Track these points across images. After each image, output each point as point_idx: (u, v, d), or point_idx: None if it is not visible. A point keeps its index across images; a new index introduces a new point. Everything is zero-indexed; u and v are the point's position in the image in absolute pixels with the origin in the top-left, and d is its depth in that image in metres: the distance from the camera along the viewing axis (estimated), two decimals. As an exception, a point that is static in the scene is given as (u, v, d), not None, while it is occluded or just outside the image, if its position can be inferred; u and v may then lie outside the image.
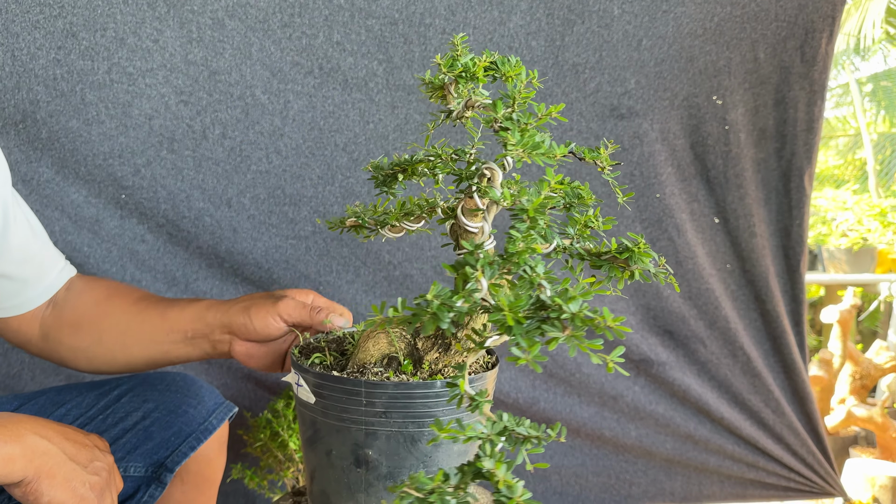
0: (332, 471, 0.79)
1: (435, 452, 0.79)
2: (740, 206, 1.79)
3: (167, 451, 1.04)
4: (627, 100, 1.68)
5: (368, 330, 0.81)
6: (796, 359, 1.91)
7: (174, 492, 1.09)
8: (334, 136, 1.63)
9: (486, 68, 0.76)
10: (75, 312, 1.07)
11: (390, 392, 0.74)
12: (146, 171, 1.57)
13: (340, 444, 0.77)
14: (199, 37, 1.54)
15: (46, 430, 0.82)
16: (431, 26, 1.59)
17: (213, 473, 1.13)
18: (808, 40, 1.74)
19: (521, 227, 0.63)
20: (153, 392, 1.08)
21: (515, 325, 0.54)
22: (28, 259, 1.03)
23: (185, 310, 1.03)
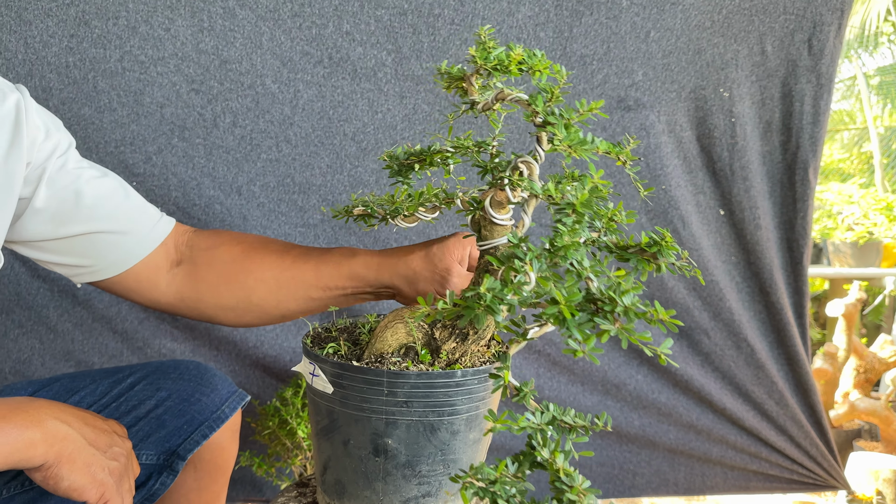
0: (348, 460, 0.80)
1: (452, 441, 0.80)
2: (745, 199, 1.79)
3: (180, 439, 1.06)
4: (634, 91, 1.69)
5: (386, 320, 0.82)
6: (800, 351, 1.92)
7: (187, 479, 1.10)
8: (343, 126, 1.64)
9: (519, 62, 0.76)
10: (212, 270, 1.04)
11: (412, 382, 0.75)
12: (157, 159, 1.59)
13: (359, 433, 0.78)
14: (210, 26, 1.55)
15: (66, 415, 0.83)
16: (440, 17, 1.60)
17: (226, 461, 1.14)
18: (816, 33, 1.75)
19: (568, 221, 0.64)
20: (166, 380, 1.09)
21: (570, 318, 0.55)
22: (114, 213, 1.00)
23: (341, 266, 1.00)
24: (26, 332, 1.61)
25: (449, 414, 0.78)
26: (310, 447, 1.42)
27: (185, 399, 1.08)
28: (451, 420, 0.79)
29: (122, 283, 1.04)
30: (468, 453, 0.83)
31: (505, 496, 0.53)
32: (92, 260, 1.01)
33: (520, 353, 1.83)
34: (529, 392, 0.59)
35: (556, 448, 0.54)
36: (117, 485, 0.86)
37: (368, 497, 0.80)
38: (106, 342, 1.65)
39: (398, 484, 0.79)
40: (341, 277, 1.00)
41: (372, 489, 0.80)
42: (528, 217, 0.78)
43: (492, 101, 0.79)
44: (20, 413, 0.79)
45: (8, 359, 1.61)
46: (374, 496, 0.80)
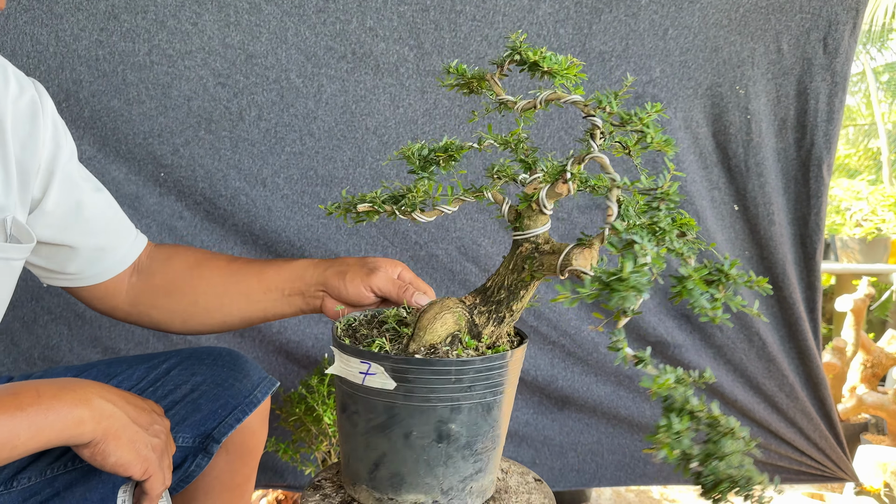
0: (409, 452, 0.83)
1: (499, 416, 0.85)
2: (760, 195, 1.82)
3: (215, 423, 1.09)
4: (652, 88, 1.72)
5: (432, 312, 0.85)
6: (811, 345, 1.95)
7: (219, 462, 1.14)
8: (365, 120, 1.67)
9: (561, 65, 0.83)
10: (166, 278, 1.12)
11: (477, 367, 0.80)
12: (185, 151, 1.62)
13: (423, 423, 0.82)
14: (236, 21, 1.58)
15: (111, 394, 0.87)
16: (462, 13, 1.63)
17: (256, 445, 1.18)
18: (831, 32, 1.77)
19: (664, 209, 0.74)
20: (201, 366, 1.13)
21: (705, 288, 0.66)
22: (106, 228, 1.08)
23: (282, 270, 1.10)
24: (55, 318, 1.65)
25: (500, 392, 0.83)
26: (335, 433, 1.46)
27: (220, 384, 1.11)
28: (500, 398, 0.85)
29: (90, 291, 1.11)
30: (504, 427, 0.88)
31: (689, 447, 0.62)
32: (75, 269, 1.07)
33: (535, 344, 1.86)
34: (648, 359, 0.65)
35: (702, 399, 0.63)
36: (159, 461, 0.89)
37: (429, 483, 0.84)
38: (132, 329, 1.69)
39: (458, 465, 0.83)
40: (282, 279, 1.09)
41: (433, 475, 0.83)
42: (615, 204, 0.82)
43: (542, 101, 0.83)
44: (69, 392, 0.83)
45: (37, 344, 1.65)
46: (434, 482, 0.84)
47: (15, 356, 1.65)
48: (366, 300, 1.04)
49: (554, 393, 1.91)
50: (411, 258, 1.76)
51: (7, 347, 1.64)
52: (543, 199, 0.86)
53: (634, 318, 1.86)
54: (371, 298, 1.04)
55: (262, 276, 1.10)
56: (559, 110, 1.71)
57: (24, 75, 1.01)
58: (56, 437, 0.80)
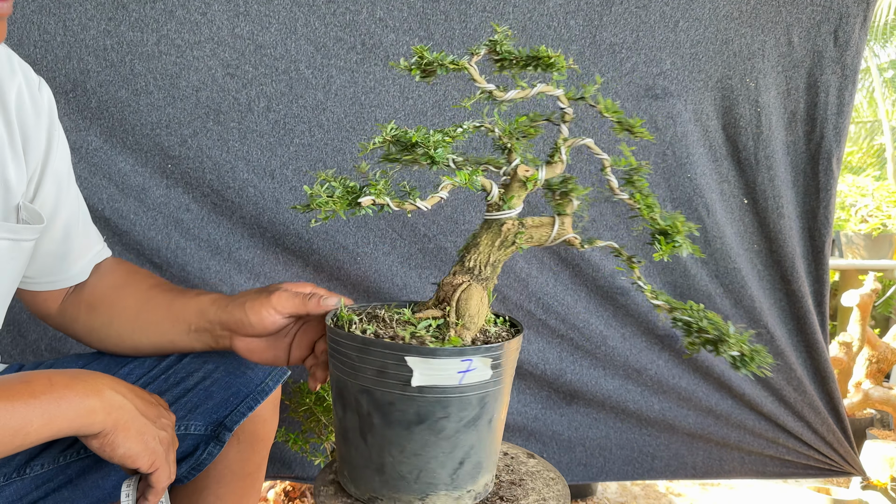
0: (489, 436, 0.83)
1: None
2: (769, 188, 1.82)
3: (227, 411, 1.08)
4: (662, 80, 1.71)
5: (476, 297, 0.85)
6: (819, 339, 1.95)
7: (230, 450, 1.13)
8: (374, 112, 1.66)
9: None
10: (93, 293, 1.10)
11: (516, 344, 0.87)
12: (192, 142, 1.61)
13: (501, 405, 0.84)
14: (245, 11, 1.57)
15: (120, 386, 0.87)
16: (472, 4, 1.62)
17: (267, 433, 1.17)
18: (841, 25, 1.76)
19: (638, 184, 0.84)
20: (213, 354, 1.12)
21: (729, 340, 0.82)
22: (71, 237, 1.06)
23: (190, 303, 1.04)
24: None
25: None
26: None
27: (232, 372, 1.10)
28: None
29: (32, 295, 1.10)
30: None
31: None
32: (31, 273, 1.06)
33: (544, 338, 1.86)
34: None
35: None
36: (165, 454, 0.89)
37: (494, 461, 0.87)
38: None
39: (496, 439, 0.86)
40: (188, 312, 1.04)
41: (495, 451, 0.87)
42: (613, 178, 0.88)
43: (533, 95, 0.84)
44: (80, 382, 0.82)
45: (45, 336, 1.64)
46: (496, 458, 0.88)
47: (22, 347, 1.64)
48: (270, 324, 0.97)
49: (563, 387, 1.90)
50: (420, 251, 1.75)
51: (14, 339, 1.64)
52: (542, 177, 0.87)
53: (644, 310, 1.85)
54: (275, 320, 0.97)
55: (171, 307, 1.05)
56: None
57: (31, 69, 1.00)
58: (67, 426, 0.80)
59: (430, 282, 1.78)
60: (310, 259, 1.72)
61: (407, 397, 0.79)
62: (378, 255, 1.75)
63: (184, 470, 1.08)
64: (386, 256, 1.75)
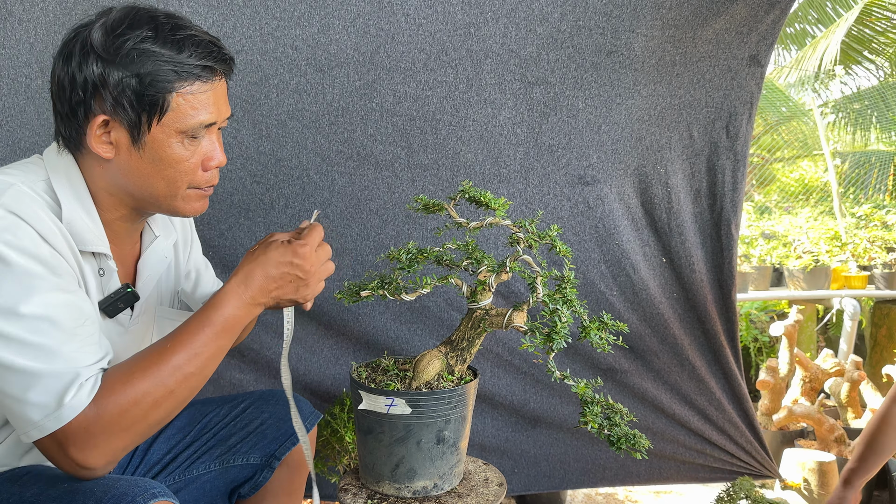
0: (419, 453, 1.31)
1: (469, 424, 1.35)
2: (682, 249, 2.30)
3: (276, 445, 1.55)
4: (591, 171, 2.20)
5: (425, 360, 1.33)
6: (733, 367, 2.42)
7: (281, 474, 1.58)
8: (368, 204, 2.14)
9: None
10: None
11: (459, 393, 1.30)
12: (228, 234, 2.09)
13: (428, 433, 1.31)
14: (267, 133, 2.05)
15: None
16: (441, 121, 2.11)
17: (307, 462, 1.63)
18: (731, 121, 2.26)
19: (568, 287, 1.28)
20: (268, 405, 1.58)
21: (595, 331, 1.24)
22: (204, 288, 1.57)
23: None
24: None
25: (469, 407, 1.32)
26: (354, 449, 1.91)
27: (281, 418, 1.56)
28: (470, 410, 1.33)
29: None
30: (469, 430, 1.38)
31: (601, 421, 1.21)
32: None
33: (510, 374, 2.32)
34: (569, 375, 1.27)
35: (600, 395, 1.21)
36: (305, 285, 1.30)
37: (431, 472, 1.32)
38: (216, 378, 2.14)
39: (448, 458, 1.32)
40: None
41: (434, 466, 1.32)
42: (540, 287, 1.32)
43: (487, 224, 1.32)
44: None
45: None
46: (434, 470, 1.32)
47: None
48: None
49: (527, 413, 2.36)
50: (408, 310, 2.22)
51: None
52: (492, 282, 1.34)
53: (588, 350, 2.32)
54: None
55: None
56: (495, 227, 2.19)
57: None
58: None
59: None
60: (322, 320, 2.19)
61: (363, 415, 1.35)
62: (375, 315, 2.22)
63: (246, 489, 1.54)
64: (382, 315, 2.22)
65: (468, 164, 2.14)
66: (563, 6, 2.00)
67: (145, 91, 1.13)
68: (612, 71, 2.11)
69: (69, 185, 1.19)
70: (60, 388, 1.04)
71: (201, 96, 1.18)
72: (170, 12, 1.20)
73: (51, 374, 1.04)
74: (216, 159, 1.24)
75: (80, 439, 1.06)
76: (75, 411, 1.05)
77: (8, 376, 1.04)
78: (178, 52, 1.15)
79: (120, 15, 1.15)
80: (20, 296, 1.04)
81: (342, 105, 2.05)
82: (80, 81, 1.13)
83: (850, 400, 3.27)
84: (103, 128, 1.16)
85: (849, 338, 3.96)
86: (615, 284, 2.28)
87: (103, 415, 1.06)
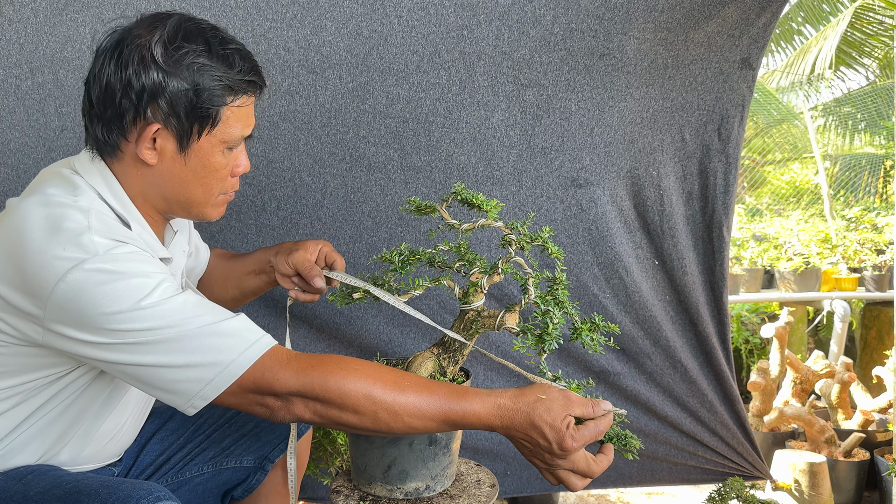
0: (411, 454, 1.31)
1: None
2: (674, 252, 2.30)
3: (270, 448, 1.54)
4: (584, 173, 2.20)
5: (418, 361, 1.32)
6: (724, 369, 2.42)
7: (275, 476, 1.58)
8: (361, 206, 2.14)
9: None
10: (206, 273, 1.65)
11: None
12: (220, 236, 2.08)
13: (420, 434, 1.29)
14: (259, 135, 2.05)
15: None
16: (433, 122, 2.10)
17: (302, 463, 1.63)
18: (723, 123, 2.26)
19: (560, 289, 1.28)
20: None
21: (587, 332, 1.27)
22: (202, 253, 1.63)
23: (251, 256, 1.58)
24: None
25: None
26: (346, 452, 1.90)
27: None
28: None
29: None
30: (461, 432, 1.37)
31: None
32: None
33: (503, 377, 2.32)
34: (560, 376, 1.27)
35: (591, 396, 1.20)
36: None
37: (424, 474, 1.32)
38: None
39: (440, 459, 1.31)
40: (251, 262, 1.57)
41: (426, 468, 1.31)
42: (532, 289, 1.31)
43: (479, 226, 1.32)
44: None
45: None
46: (426, 472, 1.32)
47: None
48: (289, 272, 1.47)
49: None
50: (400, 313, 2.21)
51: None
52: (484, 284, 1.34)
53: (581, 352, 2.32)
54: (291, 271, 1.47)
55: (243, 262, 1.59)
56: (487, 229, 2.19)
57: None
58: None
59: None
60: (314, 323, 2.19)
61: None
62: (367, 317, 2.22)
63: (239, 491, 1.54)
64: (374, 317, 2.22)
65: (461, 167, 2.14)
66: (555, 9, 2.00)
67: (201, 103, 1.18)
68: (604, 73, 2.11)
69: (115, 198, 1.22)
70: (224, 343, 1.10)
71: (245, 109, 1.25)
72: (212, 24, 1.24)
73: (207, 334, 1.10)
74: (243, 166, 1.32)
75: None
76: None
77: (165, 357, 1.09)
78: (229, 67, 1.20)
79: (175, 26, 1.19)
80: (143, 294, 1.09)
81: (335, 107, 2.04)
82: (137, 88, 1.16)
83: (840, 401, 3.28)
84: (153, 135, 1.19)
85: (839, 339, 3.98)
86: (608, 286, 2.29)
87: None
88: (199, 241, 1.64)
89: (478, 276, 1.36)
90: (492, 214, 1.33)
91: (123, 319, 1.07)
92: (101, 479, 1.14)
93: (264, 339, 1.14)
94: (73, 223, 1.11)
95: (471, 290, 1.37)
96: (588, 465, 1.18)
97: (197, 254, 1.61)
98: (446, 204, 1.39)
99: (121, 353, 1.09)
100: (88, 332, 1.08)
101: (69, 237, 1.09)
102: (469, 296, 1.37)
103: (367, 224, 2.15)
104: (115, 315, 1.07)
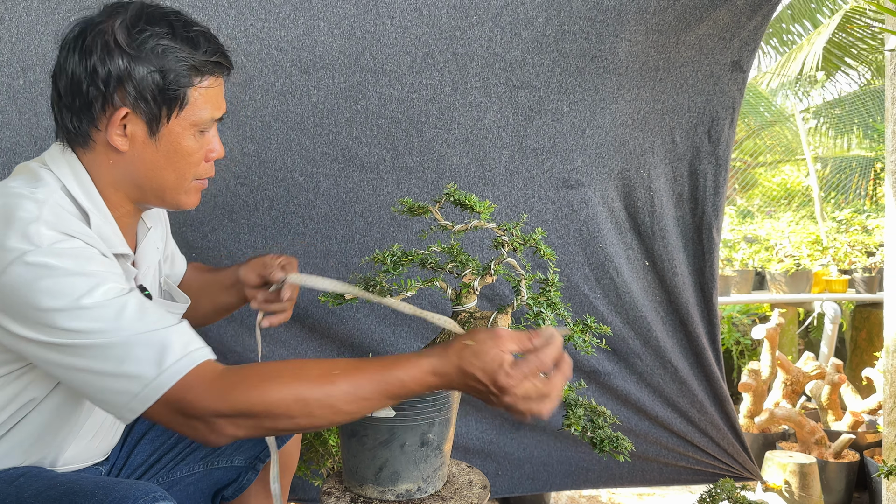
0: (403, 456, 1.31)
1: (453, 427, 1.34)
2: (665, 253, 2.31)
3: (261, 448, 1.54)
4: (575, 174, 2.21)
5: None
6: (714, 370, 2.43)
7: (265, 477, 1.58)
8: (353, 206, 2.14)
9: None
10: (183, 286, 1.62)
11: (444, 396, 1.29)
12: (212, 236, 2.08)
13: (412, 436, 1.31)
14: (251, 135, 2.05)
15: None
16: (426, 123, 2.11)
17: (292, 463, 1.63)
18: (713, 126, 2.28)
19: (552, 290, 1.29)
20: None
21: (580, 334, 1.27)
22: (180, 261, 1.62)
23: (224, 271, 1.58)
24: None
25: (454, 410, 1.32)
26: (338, 453, 1.90)
27: None
28: (454, 414, 1.33)
29: None
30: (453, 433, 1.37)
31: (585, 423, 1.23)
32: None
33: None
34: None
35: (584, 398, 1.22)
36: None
37: (415, 476, 1.32)
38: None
39: (431, 461, 1.31)
40: (225, 276, 1.57)
41: (418, 470, 1.31)
42: (525, 290, 1.31)
43: (472, 227, 1.33)
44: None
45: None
46: (418, 474, 1.32)
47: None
48: (255, 282, 1.48)
49: (510, 417, 2.36)
50: (392, 313, 2.22)
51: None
52: (476, 285, 1.35)
53: (572, 353, 2.33)
54: (256, 280, 1.48)
55: (217, 277, 1.58)
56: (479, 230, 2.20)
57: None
58: None
59: None
60: (305, 322, 2.19)
61: None
62: (359, 317, 2.22)
63: (230, 491, 1.54)
64: (366, 318, 2.22)
65: (453, 167, 2.14)
66: (548, 11, 2.01)
67: (168, 86, 1.18)
68: (596, 75, 2.12)
69: (81, 189, 1.21)
70: (153, 356, 1.05)
71: (213, 91, 1.25)
72: (175, 9, 1.24)
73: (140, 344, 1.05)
74: (216, 151, 1.31)
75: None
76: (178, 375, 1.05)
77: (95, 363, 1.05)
78: (193, 48, 1.20)
79: (136, 12, 1.19)
80: (81, 293, 1.05)
81: (327, 107, 2.05)
82: (103, 75, 1.16)
83: (830, 402, 3.30)
84: (122, 120, 1.19)
85: (829, 341, 4.00)
86: (599, 287, 2.29)
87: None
88: (176, 249, 1.62)
89: (470, 277, 1.37)
90: (484, 216, 1.34)
91: (59, 318, 1.04)
92: (96, 479, 1.14)
93: (196, 353, 1.08)
94: (24, 213, 1.09)
95: (463, 292, 1.38)
96: (538, 389, 1.08)
97: (172, 261, 1.60)
98: (439, 205, 1.40)
99: (56, 354, 1.06)
100: (27, 327, 1.06)
101: (18, 227, 1.07)
102: (461, 297, 1.38)
103: (360, 224, 2.15)
104: (51, 312, 1.04)
